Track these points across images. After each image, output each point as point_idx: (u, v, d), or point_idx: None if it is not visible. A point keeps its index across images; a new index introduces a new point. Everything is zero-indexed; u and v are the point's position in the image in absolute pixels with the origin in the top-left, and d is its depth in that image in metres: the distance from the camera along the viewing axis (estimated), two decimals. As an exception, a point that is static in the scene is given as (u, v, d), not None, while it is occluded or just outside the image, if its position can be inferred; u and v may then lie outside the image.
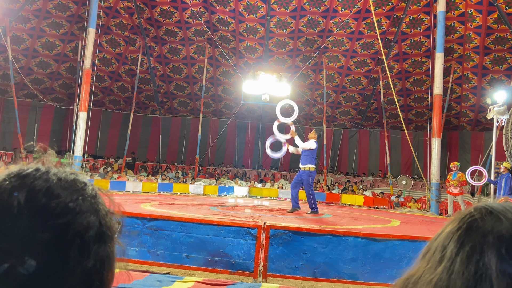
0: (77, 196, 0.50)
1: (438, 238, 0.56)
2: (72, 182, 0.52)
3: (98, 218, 0.51)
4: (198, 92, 20.01)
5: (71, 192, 0.50)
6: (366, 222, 7.64)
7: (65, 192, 0.49)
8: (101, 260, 0.49)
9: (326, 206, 12.41)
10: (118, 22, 18.00)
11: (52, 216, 0.46)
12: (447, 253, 0.51)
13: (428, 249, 0.56)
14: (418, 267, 0.56)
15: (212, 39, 17.95)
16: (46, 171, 0.51)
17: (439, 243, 0.54)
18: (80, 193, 0.51)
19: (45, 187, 0.48)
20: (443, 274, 0.49)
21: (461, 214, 0.58)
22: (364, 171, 20.60)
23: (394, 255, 3.07)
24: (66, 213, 0.47)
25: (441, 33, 13.14)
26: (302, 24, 17.42)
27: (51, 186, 0.49)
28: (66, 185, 0.50)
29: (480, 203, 0.60)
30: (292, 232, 3.16)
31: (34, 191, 0.47)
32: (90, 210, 0.50)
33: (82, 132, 13.26)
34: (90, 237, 0.48)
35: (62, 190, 0.49)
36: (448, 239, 0.53)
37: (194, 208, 7.89)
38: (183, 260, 3.18)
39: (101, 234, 0.50)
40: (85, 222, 0.48)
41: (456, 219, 0.57)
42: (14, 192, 0.47)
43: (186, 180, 15.88)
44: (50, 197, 0.48)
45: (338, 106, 20.51)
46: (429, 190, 12.87)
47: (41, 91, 18.48)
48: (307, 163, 7.86)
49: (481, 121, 18.43)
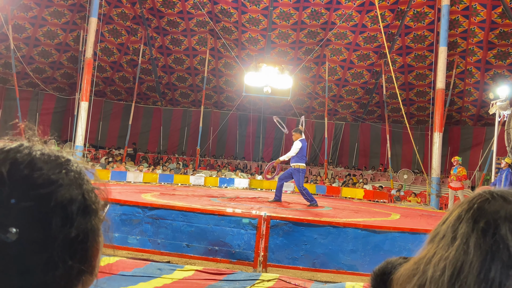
0: (60, 169, 0.51)
1: (446, 222, 0.56)
2: (55, 157, 0.52)
3: (81, 192, 0.51)
4: (200, 84, 19.96)
5: (54, 166, 0.50)
6: (366, 215, 7.66)
7: (47, 166, 0.50)
8: (84, 231, 0.50)
9: (326, 199, 12.44)
10: (120, 12, 17.90)
11: (35, 186, 0.47)
12: (460, 231, 0.52)
13: (437, 233, 0.56)
14: (427, 250, 0.56)
15: (214, 30, 17.86)
16: (30, 146, 0.51)
17: (449, 225, 0.55)
18: (63, 167, 0.51)
19: (27, 159, 0.49)
20: (458, 250, 0.50)
21: (467, 198, 0.59)
22: (364, 164, 20.61)
23: (394, 247, 3.08)
24: (49, 184, 0.48)
25: (445, 27, 13.04)
26: (305, 16, 17.31)
27: (34, 159, 0.49)
28: (49, 160, 0.51)
29: (484, 189, 0.61)
30: (292, 223, 3.17)
31: (16, 163, 0.48)
32: (73, 183, 0.51)
33: (83, 122, 13.26)
34: (73, 208, 0.49)
35: (45, 163, 0.50)
36: (459, 220, 0.54)
37: (194, 199, 7.91)
38: (184, 249, 3.20)
39: (85, 207, 0.51)
40: (67, 194, 0.49)
41: (462, 203, 0.58)
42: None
43: (186, 172, 15.91)
44: (32, 169, 0.48)
45: (340, 99, 20.46)
46: (430, 185, 12.88)
47: (42, 80, 18.46)
48: (295, 161, 7.94)
49: (483, 116, 18.37)
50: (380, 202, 13.13)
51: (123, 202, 3.52)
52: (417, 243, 2.31)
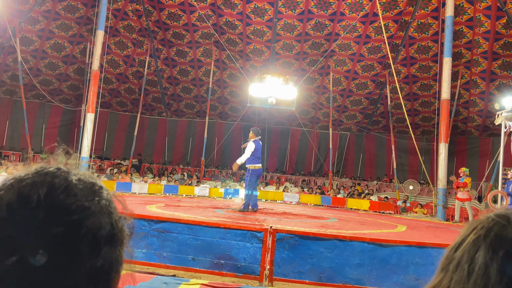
0: (93, 197, 0.52)
1: (460, 248, 0.54)
2: (90, 184, 0.54)
3: (110, 221, 0.53)
4: (205, 95, 20.07)
5: (88, 193, 0.52)
6: (372, 227, 7.59)
7: (82, 192, 0.51)
8: (109, 261, 0.51)
9: (332, 210, 12.37)
10: (126, 25, 18.13)
11: (67, 212, 0.48)
12: (479, 261, 0.50)
13: (450, 260, 0.55)
14: (439, 278, 0.54)
15: (219, 41, 18.02)
16: (67, 171, 0.53)
17: (464, 252, 0.53)
18: (96, 195, 0.53)
19: (64, 185, 0.50)
20: (478, 281, 0.49)
21: (479, 222, 0.57)
22: (370, 175, 20.51)
23: (401, 260, 3.05)
24: (81, 211, 0.49)
25: (449, 37, 13.07)
26: (309, 27, 17.43)
27: (70, 185, 0.51)
28: (84, 186, 0.52)
29: (497, 210, 0.60)
30: (298, 236, 3.15)
31: (53, 187, 0.49)
32: (104, 212, 0.52)
33: (89, 133, 13.35)
34: (102, 237, 0.50)
35: (80, 190, 0.51)
36: (476, 247, 0.52)
37: (199, 211, 7.90)
38: (189, 262, 3.19)
39: (112, 236, 0.52)
40: (98, 222, 0.50)
41: (476, 228, 0.56)
42: (35, 187, 0.48)
43: (191, 182, 15.91)
44: (68, 195, 0.49)
45: (344, 110, 20.46)
46: (436, 196, 12.78)
47: (49, 92, 18.65)
48: (249, 162, 7.83)
49: (489, 126, 18.28)
50: (386, 214, 13.04)
51: (128, 214, 3.51)
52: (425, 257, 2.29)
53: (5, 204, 0.47)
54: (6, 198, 0.48)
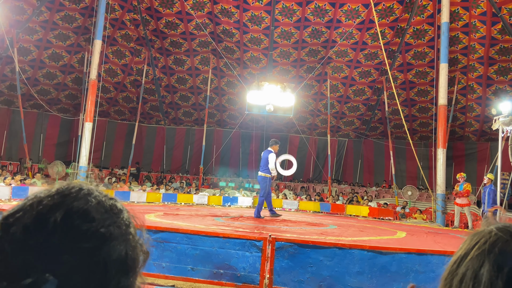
0: (111, 222, 0.52)
1: (464, 263, 0.54)
2: (110, 208, 0.54)
3: (125, 249, 0.52)
4: (203, 102, 20.11)
5: (106, 218, 0.52)
6: (372, 234, 7.57)
7: (100, 217, 0.51)
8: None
9: (331, 217, 12.35)
10: (124, 34, 18.20)
11: (82, 239, 0.48)
12: (484, 278, 0.50)
13: (453, 275, 0.54)
14: None
15: (217, 50, 18.10)
16: (88, 193, 0.52)
17: (468, 268, 0.52)
18: (114, 220, 0.52)
19: (82, 208, 0.50)
20: None
21: (481, 236, 0.57)
22: (369, 181, 20.50)
23: (401, 268, 3.04)
24: (96, 239, 0.49)
25: (445, 43, 13.15)
26: (306, 35, 17.53)
27: (89, 208, 0.51)
28: (103, 210, 0.52)
29: (497, 223, 0.59)
30: (297, 244, 3.14)
31: (71, 211, 0.49)
32: (120, 238, 0.52)
33: (88, 142, 13.32)
34: (114, 266, 0.49)
35: (98, 214, 0.51)
36: (479, 263, 0.52)
37: (198, 219, 7.87)
38: (189, 272, 3.17)
39: (125, 265, 0.51)
40: (112, 251, 0.50)
41: (479, 242, 0.55)
42: (54, 209, 0.48)
43: (190, 191, 15.87)
44: (85, 220, 0.49)
45: (342, 116, 20.51)
46: (435, 201, 12.77)
47: (47, 101, 18.65)
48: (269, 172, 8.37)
49: (486, 131, 18.34)
50: (385, 220, 13.02)
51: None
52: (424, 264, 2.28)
53: (22, 226, 0.47)
54: (24, 220, 0.47)
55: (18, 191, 10.30)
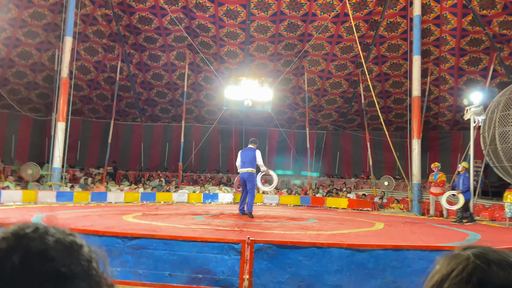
0: (71, 260, 0.50)
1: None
2: (69, 245, 0.51)
3: (89, 286, 0.50)
4: (180, 99, 19.88)
5: (66, 256, 0.49)
6: (351, 226, 7.68)
7: (60, 255, 0.49)
8: None
9: (311, 210, 12.47)
10: (96, 30, 17.75)
11: (43, 281, 0.46)
12: None
13: None
14: None
15: (193, 45, 17.88)
16: (44, 232, 0.50)
17: None
18: (75, 257, 0.50)
19: (40, 249, 0.48)
20: None
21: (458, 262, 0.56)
22: (347, 173, 20.79)
23: (378, 264, 3.08)
24: (58, 279, 0.47)
25: (418, 36, 13.40)
26: (282, 28, 17.52)
27: (47, 249, 0.49)
28: (62, 248, 0.50)
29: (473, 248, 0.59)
30: (276, 245, 3.14)
31: (29, 253, 0.47)
32: (82, 276, 0.50)
33: (61, 143, 13.00)
34: None
35: (58, 253, 0.49)
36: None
37: (178, 218, 7.80)
38: (166, 278, 3.12)
39: None
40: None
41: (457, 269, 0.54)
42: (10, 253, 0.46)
43: (169, 189, 15.72)
44: (44, 261, 0.47)
45: (320, 109, 20.67)
46: (411, 191, 13.06)
47: (18, 101, 18.05)
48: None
49: (459, 120, 18.82)
50: (364, 211, 13.23)
51: (102, 233, 3.43)
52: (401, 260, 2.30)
53: None
54: None
55: (-10, 195, 9.97)
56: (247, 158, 8.47)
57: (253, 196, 8.37)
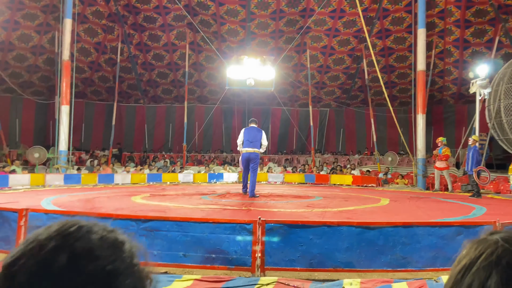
0: (116, 257, 0.51)
1: (470, 274, 0.55)
2: (112, 242, 0.53)
3: (133, 282, 0.52)
4: (182, 79, 19.75)
5: (110, 254, 0.51)
6: (356, 203, 7.75)
7: (104, 254, 0.51)
8: None
9: (316, 188, 12.56)
10: (94, 10, 17.50)
11: (89, 280, 0.47)
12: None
13: (459, 286, 0.55)
14: None
15: (193, 23, 17.62)
16: (88, 230, 0.52)
17: (474, 279, 0.53)
18: (118, 254, 0.52)
19: (86, 248, 0.50)
20: None
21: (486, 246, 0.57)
22: (351, 149, 20.80)
23: (388, 241, 3.13)
24: (103, 277, 0.49)
25: (422, 8, 13.14)
26: (283, 4, 17.21)
27: (92, 248, 0.50)
28: (106, 246, 0.52)
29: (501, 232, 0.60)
30: (287, 225, 3.19)
31: (75, 252, 0.49)
32: (126, 272, 0.51)
33: (66, 126, 13.03)
34: None
35: (102, 251, 0.51)
36: (486, 274, 0.52)
37: (185, 198, 7.89)
38: (181, 259, 3.19)
39: None
40: (120, 285, 0.50)
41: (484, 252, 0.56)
42: (57, 252, 0.48)
43: (174, 169, 15.82)
44: (90, 260, 0.49)
45: (323, 86, 20.51)
46: (416, 166, 13.09)
47: (20, 85, 18.00)
48: None
49: (464, 94, 18.66)
50: (368, 187, 13.31)
51: (116, 216, 3.48)
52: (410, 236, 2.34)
53: (27, 274, 0.46)
54: (28, 267, 0.46)
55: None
56: (253, 137, 8.38)
57: (255, 176, 8.37)
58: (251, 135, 8.39)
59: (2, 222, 3.68)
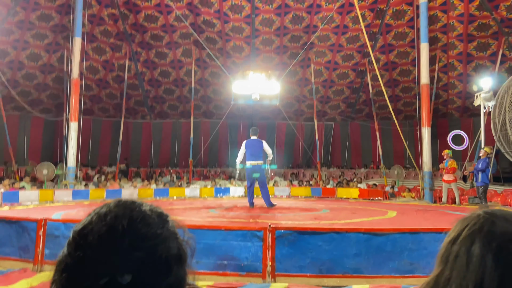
0: (163, 225, 0.63)
1: (457, 242, 0.64)
2: (159, 214, 0.65)
3: (177, 244, 0.63)
4: (188, 95, 20.00)
5: (158, 222, 0.63)
6: (364, 215, 7.76)
7: (154, 221, 0.62)
8: (179, 278, 0.60)
9: (323, 201, 12.55)
10: (103, 30, 17.91)
11: (145, 239, 0.59)
12: (475, 253, 0.60)
13: (449, 253, 0.65)
14: (441, 269, 0.64)
15: (199, 41, 17.94)
16: (140, 203, 0.64)
17: (461, 246, 0.63)
18: (164, 223, 0.64)
19: (140, 216, 0.61)
20: (477, 268, 0.59)
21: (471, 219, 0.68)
22: (357, 163, 20.80)
23: (395, 247, 3.18)
24: (155, 238, 0.60)
25: (425, 23, 13.31)
26: (287, 21, 17.52)
27: (145, 216, 0.62)
28: (155, 216, 0.63)
29: (483, 208, 0.70)
30: (297, 232, 3.25)
31: (133, 219, 0.60)
32: (171, 237, 0.63)
33: (74, 142, 13.20)
34: (172, 258, 0.60)
35: (153, 219, 0.62)
36: (471, 241, 0.62)
37: (193, 212, 7.95)
38: (193, 265, 3.25)
39: (179, 257, 0.62)
40: (168, 246, 0.61)
41: (469, 224, 0.66)
42: (120, 218, 0.60)
43: (181, 184, 15.90)
44: (144, 224, 0.61)
45: (327, 100, 20.67)
46: (422, 179, 13.07)
47: (28, 103, 18.30)
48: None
49: (469, 107, 18.71)
50: (375, 200, 13.28)
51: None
52: (417, 243, 2.42)
53: (97, 235, 0.57)
54: (97, 230, 0.58)
55: (9, 195, 10.22)
56: (255, 150, 8.47)
57: (267, 188, 8.44)
58: (253, 148, 8.46)
59: (22, 232, 3.77)
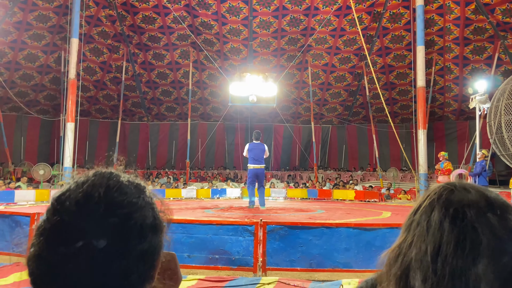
0: (139, 195, 0.65)
1: (419, 212, 0.68)
2: (137, 185, 0.68)
3: (153, 214, 0.66)
4: (185, 97, 20.03)
5: (135, 192, 0.65)
6: (358, 215, 7.80)
7: (131, 191, 0.65)
8: (154, 246, 0.64)
9: (319, 202, 12.59)
10: (100, 31, 17.93)
11: (120, 207, 0.62)
12: (434, 218, 0.64)
13: (411, 221, 0.69)
14: (404, 236, 0.68)
15: (196, 42, 18.01)
16: (119, 175, 0.67)
17: (422, 214, 0.67)
18: (141, 193, 0.66)
19: (117, 185, 0.64)
20: (435, 233, 0.63)
21: (432, 190, 0.72)
22: (354, 166, 20.85)
23: (385, 242, 3.20)
24: (131, 206, 0.63)
25: (421, 26, 13.40)
26: (284, 24, 17.59)
27: (122, 185, 0.65)
28: (132, 186, 0.66)
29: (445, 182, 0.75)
30: (287, 227, 3.28)
31: (109, 187, 0.63)
32: (147, 206, 0.65)
33: (71, 143, 13.19)
34: (147, 226, 0.64)
35: (129, 189, 0.65)
36: (431, 208, 0.66)
37: (188, 212, 7.97)
38: (185, 259, 3.28)
39: (155, 225, 0.65)
40: (143, 215, 0.64)
41: (430, 195, 0.71)
42: (96, 187, 0.63)
43: (178, 185, 15.90)
44: (120, 193, 0.63)
45: (324, 103, 20.73)
46: (418, 181, 13.12)
47: (25, 103, 18.29)
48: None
49: (465, 110, 18.79)
50: (371, 202, 13.33)
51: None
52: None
53: (74, 201, 0.61)
54: (74, 196, 0.61)
55: (4, 195, 10.21)
56: (257, 155, 8.72)
57: (264, 190, 8.72)
58: (256, 153, 8.69)
59: (15, 226, 3.79)
